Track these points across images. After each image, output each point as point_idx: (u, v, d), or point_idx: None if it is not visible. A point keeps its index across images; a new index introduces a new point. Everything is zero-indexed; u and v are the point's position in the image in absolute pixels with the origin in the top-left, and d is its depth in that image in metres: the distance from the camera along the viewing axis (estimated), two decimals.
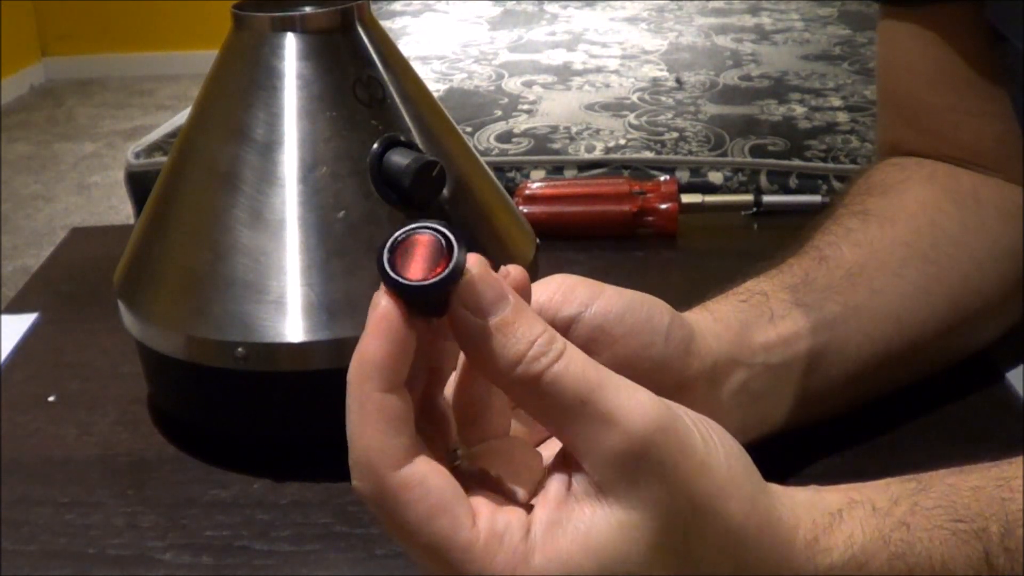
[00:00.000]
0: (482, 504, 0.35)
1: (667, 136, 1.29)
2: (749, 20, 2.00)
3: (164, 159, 0.86)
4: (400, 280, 0.34)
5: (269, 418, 0.56)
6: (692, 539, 0.35)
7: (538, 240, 0.63)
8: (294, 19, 0.56)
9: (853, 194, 0.62)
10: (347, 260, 0.54)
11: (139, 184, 1.28)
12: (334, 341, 0.53)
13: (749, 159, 1.22)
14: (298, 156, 0.55)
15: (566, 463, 0.36)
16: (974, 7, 0.60)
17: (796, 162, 1.21)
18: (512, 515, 0.35)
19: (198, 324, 0.54)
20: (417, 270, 0.34)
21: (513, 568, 0.34)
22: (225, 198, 0.55)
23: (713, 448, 0.36)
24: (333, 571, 0.49)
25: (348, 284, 0.54)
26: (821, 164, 1.21)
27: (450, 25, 2.05)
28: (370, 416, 0.34)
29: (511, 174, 1.20)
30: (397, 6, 2.23)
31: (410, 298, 0.34)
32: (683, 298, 0.51)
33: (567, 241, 0.82)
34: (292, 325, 0.53)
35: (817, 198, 0.91)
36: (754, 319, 0.51)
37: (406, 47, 1.80)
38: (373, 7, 0.60)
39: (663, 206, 0.84)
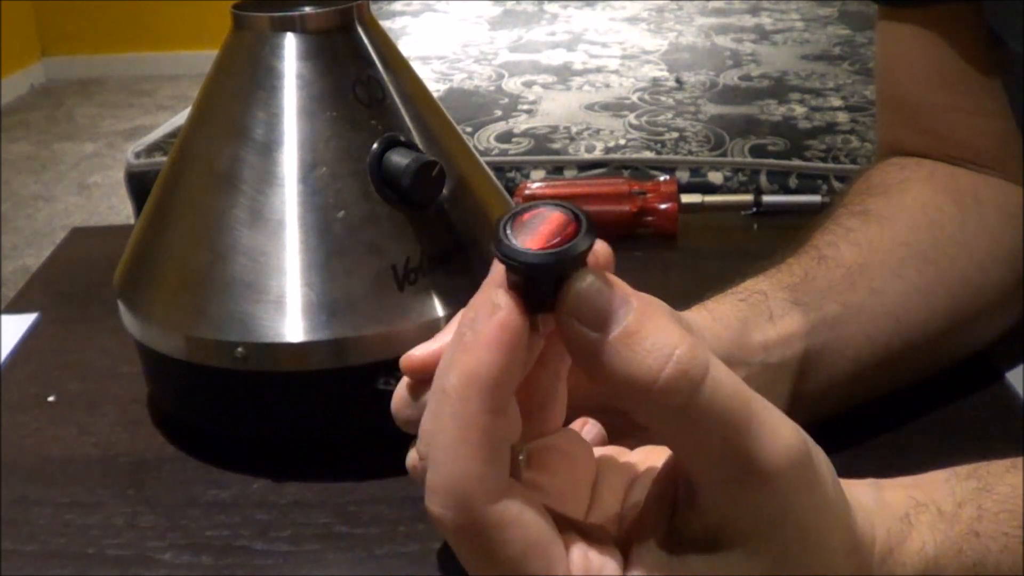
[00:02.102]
0: (576, 545, 0.32)
1: (667, 136, 1.30)
2: (749, 20, 2.00)
3: (164, 159, 0.86)
4: (515, 249, 0.29)
5: (269, 418, 0.56)
6: (794, 572, 0.33)
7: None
8: (294, 19, 0.56)
9: (853, 194, 0.62)
10: (347, 260, 0.54)
11: (139, 184, 1.28)
12: (334, 341, 0.53)
13: (749, 159, 1.22)
14: (298, 156, 0.55)
15: (663, 499, 0.33)
16: (972, 7, 0.60)
17: (796, 162, 1.21)
18: (607, 558, 0.32)
19: (198, 324, 0.54)
20: (538, 242, 0.29)
21: None
22: (225, 198, 0.55)
23: (827, 478, 0.34)
24: (333, 571, 0.49)
25: (348, 284, 0.54)
26: (821, 164, 1.21)
27: (450, 25, 2.05)
28: (472, 439, 0.30)
29: (511, 174, 1.20)
30: (397, 6, 2.23)
31: (522, 274, 0.29)
32: (683, 298, 0.50)
33: None
34: (292, 325, 0.53)
35: (817, 198, 0.91)
36: (753, 318, 0.51)
37: (406, 47, 1.80)
38: (373, 7, 0.60)
39: (663, 206, 0.84)
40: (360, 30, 0.58)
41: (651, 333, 0.30)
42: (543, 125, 1.35)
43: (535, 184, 0.88)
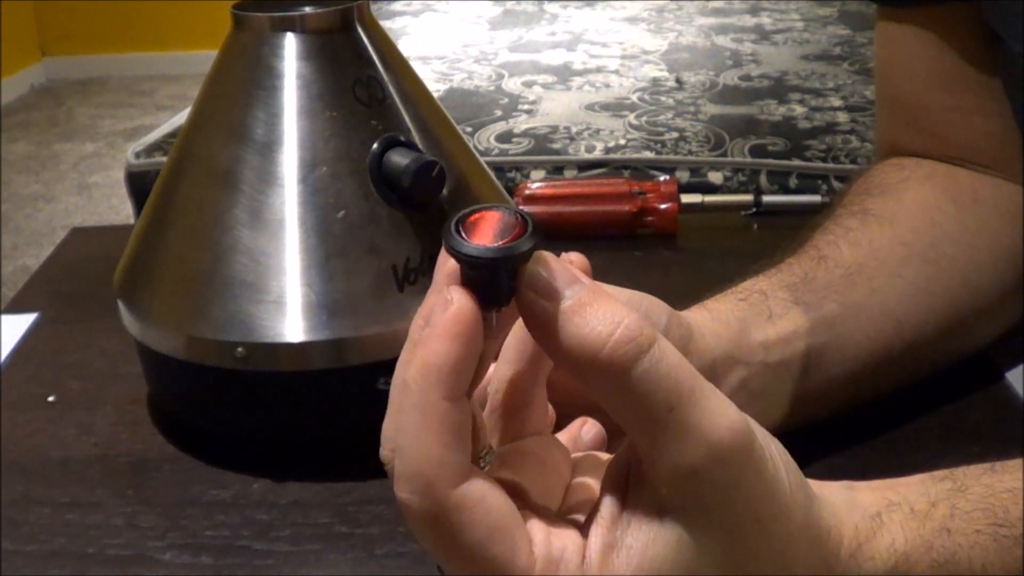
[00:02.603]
0: (537, 527, 0.33)
1: (667, 136, 1.30)
2: (749, 20, 2.00)
3: (164, 159, 0.86)
4: (473, 247, 0.31)
5: (269, 418, 0.56)
6: (751, 558, 0.34)
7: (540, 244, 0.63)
8: (294, 19, 0.56)
9: (852, 194, 0.62)
10: (347, 260, 0.54)
11: (139, 184, 1.28)
12: (334, 341, 0.53)
13: (749, 159, 1.22)
14: (298, 156, 0.55)
15: (618, 478, 0.34)
16: (971, 7, 0.60)
17: (796, 162, 1.21)
18: (567, 539, 0.33)
19: (198, 324, 0.54)
20: (486, 240, 0.31)
21: None
22: (225, 198, 0.55)
23: (778, 464, 0.35)
24: (333, 571, 0.49)
25: (348, 284, 0.54)
26: (821, 164, 1.21)
27: (450, 25, 2.05)
28: (433, 426, 0.31)
29: (511, 174, 1.20)
30: (397, 6, 2.23)
31: (476, 267, 0.31)
32: (683, 298, 0.51)
33: (567, 241, 0.82)
34: (292, 325, 0.53)
35: (817, 198, 0.91)
36: (752, 317, 0.51)
37: (406, 47, 1.80)
38: (373, 7, 0.60)
39: (663, 206, 0.84)
40: (360, 30, 0.58)
41: (601, 306, 0.32)
42: (543, 125, 1.35)
43: (535, 184, 0.88)
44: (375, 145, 0.55)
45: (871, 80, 1.53)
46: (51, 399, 0.64)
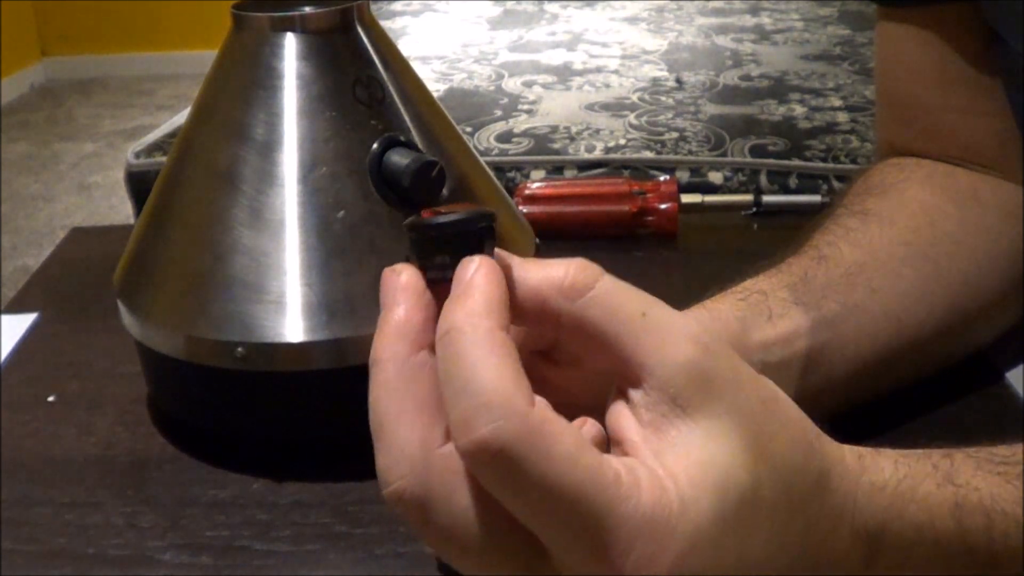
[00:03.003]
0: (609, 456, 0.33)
1: (667, 136, 1.30)
2: (749, 20, 2.00)
3: (164, 159, 0.86)
4: (454, 215, 0.34)
5: (269, 418, 0.56)
6: (767, 439, 0.34)
7: (538, 240, 0.63)
8: (294, 19, 0.56)
9: (852, 194, 0.62)
10: (347, 260, 0.54)
11: (139, 184, 1.28)
12: (334, 341, 0.53)
13: (749, 159, 1.22)
14: (298, 156, 0.55)
15: (621, 406, 0.35)
16: (971, 7, 0.60)
17: (796, 162, 1.21)
18: (618, 462, 0.32)
19: (198, 324, 0.54)
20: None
21: (656, 504, 0.31)
22: (225, 198, 0.55)
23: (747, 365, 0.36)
24: (333, 571, 0.49)
25: (348, 284, 0.54)
26: (821, 164, 1.21)
27: (450, 25, 2.05)
28: (499, 352, 0.31)
29: (511, 174, 1.20)
30: (397, 6, 2.23)
31: (460, 234, 0.34)
32: (683, 298, 0.50)
33: (567, 241, 0.82)
34: (292, 325, 0.53)
35: (817, 198, 0.91)
36: (752, 318, 0.51)
37: (406, 47, 1.80)
38: (373, 7, 0.60)
39: (663, 206, 0.84)
40: (360, 30, 0.58)
41: (552, 261, 0.35)
42: (543, 125, 1.35)
43: (535, 184, 0.88)
44: (375, 145, 0.55)
45: (871, 80, 1.53)
46: (51, 399, 0.64)
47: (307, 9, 0.57)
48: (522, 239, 0.62)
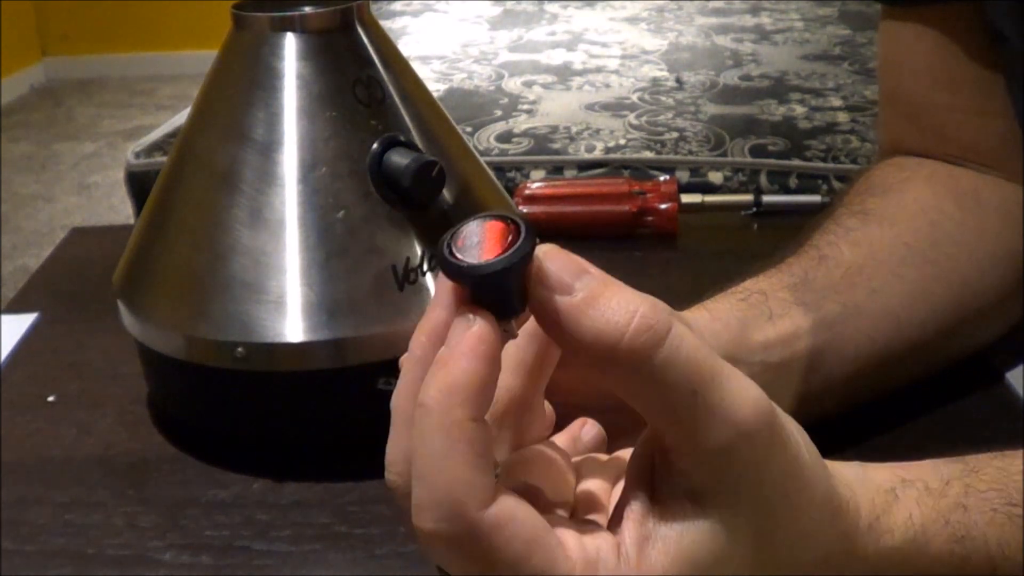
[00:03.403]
0: (566, 533, 0.32)
1: (667, 136, 1.30)
2: (749, 20, 2.00)
3: (164, 159, 0.86)
4: (473, 264, 0.30)
5: (269, 418, 0.56)
6: (780, 535, 0.34)
7: (538, 240, 0.63)
8: (294, 19, 0.56)
9: (853, 194, 0.62)
10: (347, 260, 0.54)
11: (139, 184, 1.28)
12: (334, 341, 0.53)
13: (749, 159, 1.22)
14: (298, 156, 0.55)
15: (642, 471, 0.34)
16: (974, 6, 0.60)
17: (796, 162, 1.21)
18: (599, 539, 0.32)
19: (198, 324, 0.54)
20: (489, 253, 0.30)
21: None
22: (225, 198, 0.55)
23: (799, 440, 0.35)
24: (333, 571, 0.49)
25: (348, 284, 0.54)
26: (821, 164, 1.21)
27: (450, 25, 2.05)
28: (459, 448, 0.30)
29: (511, 174, 1.20)
30: (397, 6, 2.23)
31: (484, 284, 0.30)
32: (683, 298, 0.50)
33: (567, 241, 0.81)
34: (292, 325, 0.53)
35: (817, 198, 0.91)
36: (753, 318, 0.51)
37: (406, 47, 1.80)
38: (373, 7, 0.60)
39: (663, 206, 0.84)
40: (360, 30, 0.58)
41: (614, 294, 0.31)
42: (543, 125, 1.34)
43: (535, 184, 0.88)
44: (375, 145, 0.55)
45: (871, 80, 1.53)
46: (51, 399, 0.64)
47: (307, 9, 0.57)
48: None
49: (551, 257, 0.32)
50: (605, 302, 0.31)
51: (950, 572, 0.37)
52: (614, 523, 0.34)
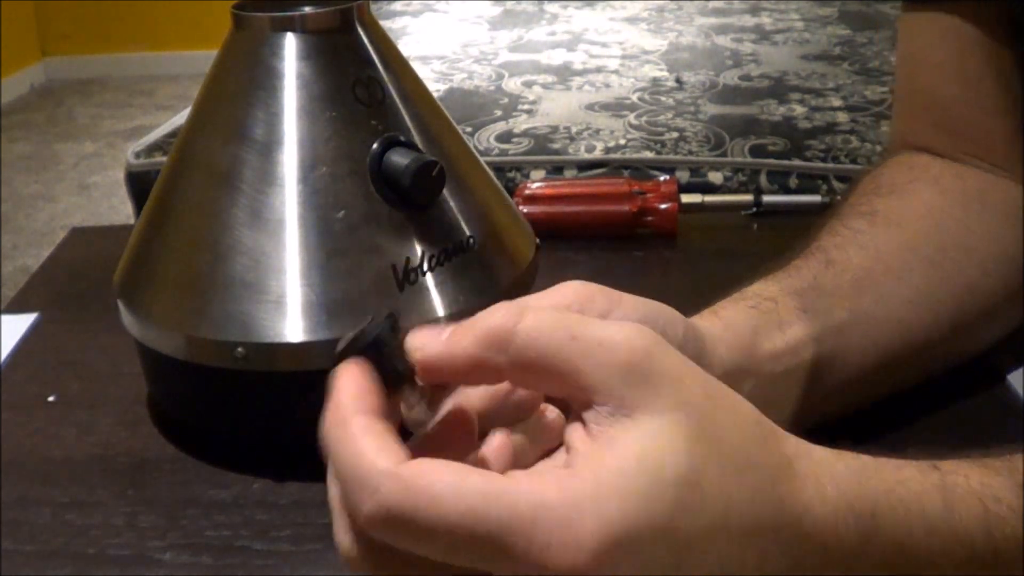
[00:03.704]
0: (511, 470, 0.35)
1: (667, 136, 1.30)
2: (749, 20, 2.00)
3: (164, 159, 0.86)
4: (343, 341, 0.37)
5: (269, 418, 0.56)
6: (715, 429, 0.34)
7: (538, 240, 0.63)
8: (294, 19, 0.56)
9: (860, 193, 0.62)
10: (347, 260, 0.54)
11: (139, 184, 1.28)
12: (334, 341, 0.53)
13: (749, 159, 1.22)
14: (298, 156, 0.55)
15: (576, 425, 0.35)
16: (995, 3, 0.60)
17: (796, 162, 1.21)
18: (543, 465, 0.34)
19: (198, 324, 0.54)
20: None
21: (563, 488, 0.32)
22: (225, 198, 0.55)
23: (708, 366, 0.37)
24: (333, 571, 0.49)
25: (348, 284, 0.54)
26: (821, 164, 1.21)
27: (450, 25, 2.05)
28: (358, 434, 0.34)
29: (511, 174, 1.20)
30: (397, 6, 2.23)
31: (361, 351, 0.37)
32: (683, 298, 0.50)
33: (567, 241, 0.82)
34: (292, 325, 0.53)
35: (817, 198, 0.91)
36: (764, 327, 0.51)
37: (406, 47, 1.80)
38: (373, 7, 0.60)
39: (663, 206, 0.84)
40: (360, 30, 0.58)
41: (471, 321, 0.35)
42: (543, 125, 1.34)
43: (535, 184, 0.88)
44: (375, 145, 0.55)
45: (871, 80, 1.53)
46: (51, 399, 0.64)
47: (307, 9, 0.57)
48: (522, 239, 0.62)
49: (415, 335, 0.36)
50: (469, 324, 0.35)
51: (935, 505, 0.37)
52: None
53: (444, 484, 0.32)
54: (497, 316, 0.35)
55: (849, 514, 0.36)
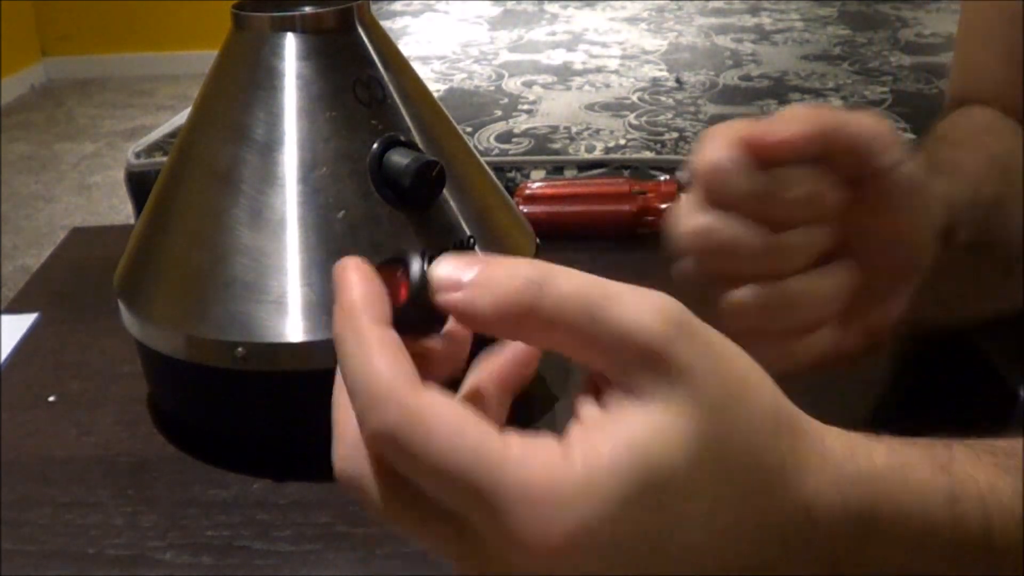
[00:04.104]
0: (509, 430, 0.33)
1: (667, 136, 1.30)
2: (749, 20, 2.00)
3: (164, 159, 0.86)
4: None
5: (269, 418, 0.56)
6: (726, 428, 0.34)
7: (538, 240, 0.63)
8: (294, 19, 0.56)
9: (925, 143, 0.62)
10: None
11: (139, 184, 1.28)
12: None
13: None
14: (298, 156, 0.55)
15: (587, 392, 0.35)
16: None
17: None
18: (542, 435, 0.33)
19: (198, 324, 0.54)
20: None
21: (551, 472, 0.31)
22: (225, 198, 0.55)
23: (729, 343, 0.35)
24: (333, 571, 0.50)
25: None
26: None
27: (450, 25, 2.05)
28: (374, 347, 0.33)
29: (511, 174, 1.20)
30: (397, 6, 2.23)
31: (401, 320, 0.35)
32: (683, 298, 0.50)
33: (567, 241, 0.82)
34: (292, 325, 0.53)
35: None
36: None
37: (406, 47, 1.80)
38: (373, 7, 0.60)
39: (663, 206, 0.84)
40: (360, 30, 0.58)
41: (496, 270, 0.34)
42: (543, 125, 1.35)
43: (535, 184, 0.88)
44: (375, 145, 0.55)
45: (871, 80, 1.53)
46: (51, 399, 0.64)
47: (307, 9, 0.57)
48: (522, 239, 0.62)
49: (439, 266, 0.35)
50: (491, 280, 0.34)
51: (940, 512, 0.36)
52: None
53: (443, 430, 0.32)
54: (518, 283, 0.33)
55: (849, 518, 0.35)
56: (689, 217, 0.47)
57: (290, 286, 0.53)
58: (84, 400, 0.64)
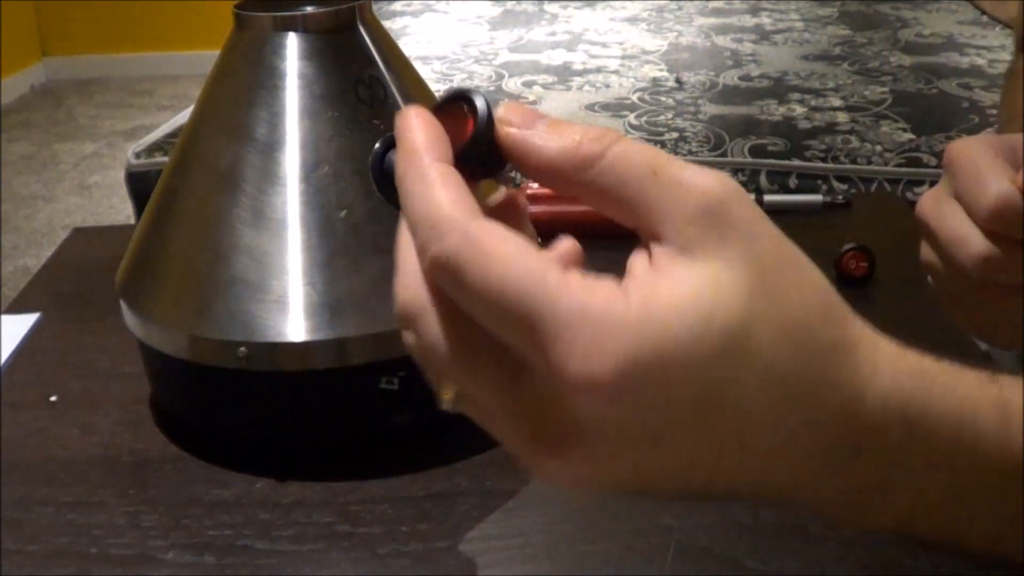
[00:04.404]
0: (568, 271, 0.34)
1: (667, 136, 1.30)
2: (749, 20, 2.00)
3: (164, 159, 0.86)
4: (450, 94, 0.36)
5: (271, 418, 0.56)
6: (776, 292, 0.33)
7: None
8: (296, 19, 0.56)
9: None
10: (349, 259, 0.54)
11: (139, 184, 1.28)
12: (336, 340, 0.53)
13: (749, 159, 1.22)
14: (300, 156, 0.55)
15: (641, 247, 0.35)
16: None
17: (796, 162, 1.21)
18: (601, 278, 0.33)
19: (200, 324, 0.54)
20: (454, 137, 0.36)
21: (609, 301, 0.31)
22: (227, 198, 0.55)
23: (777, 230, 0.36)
24: (335, 570, 0.50)
25: (350, 283, 0.54)
26: (821, 164, 1.21)
27: (450, 25, 2.05)
28: (436, 181, 0.34)
29: (512, 174, 1.20)
30: (397, 6, 2.23)
31: (462, 159, 0.35)
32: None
33: None
34: (294, 325, 0.53)
35: (818, 198, 0.91)
36: None
37: (406, 47, 1.80)
38: (373, 7, 0.60)
39: None
40: (362, 30, 0.58)
41: (568, 124, 0.35)
42: None
43: (536, 184, 0.88)
44: (377, 144, 0.55)
45: (871, 80, 1.54)
46: (53, 399, 0.64)
47: (309, 9, 0.57)
48: None
49: (509, 105, 0.36)
50: (561, 128, 0.35)
51: (988, 420, 0.36)
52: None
53: (504, 253, 0.32)
54: (591, 134, 0.35)
55: (900, 410, 0.35)
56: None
57: (292, 286, 0.53)
58: (86, 400, 0.64)
